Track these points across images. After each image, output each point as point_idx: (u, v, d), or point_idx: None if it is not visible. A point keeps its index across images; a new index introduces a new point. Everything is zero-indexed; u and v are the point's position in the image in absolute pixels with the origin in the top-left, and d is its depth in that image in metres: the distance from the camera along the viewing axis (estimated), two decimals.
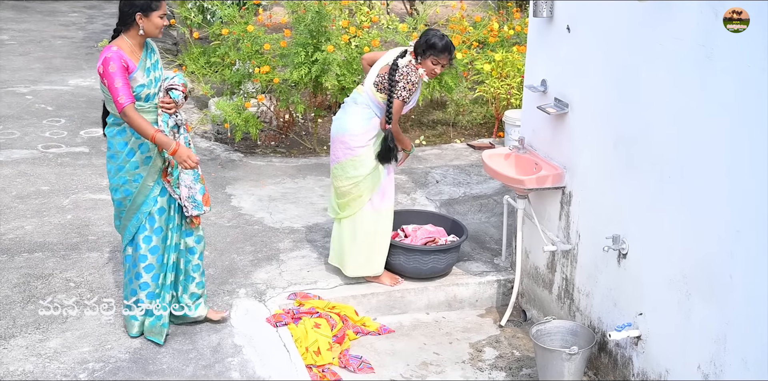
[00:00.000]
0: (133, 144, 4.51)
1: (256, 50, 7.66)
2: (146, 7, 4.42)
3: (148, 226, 4.65)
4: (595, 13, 4.66)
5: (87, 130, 8.17)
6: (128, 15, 4.42)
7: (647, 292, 4.36)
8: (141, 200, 4.60)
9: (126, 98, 4.34)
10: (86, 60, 10.60)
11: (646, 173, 4.29)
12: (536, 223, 5.29)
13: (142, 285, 4.70)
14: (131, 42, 4.45)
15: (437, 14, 9.63)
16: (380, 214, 5.42)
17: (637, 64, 4.29)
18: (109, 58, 4.36)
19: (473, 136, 8.54)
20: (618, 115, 4.50)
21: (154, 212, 4.64)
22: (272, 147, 8.14)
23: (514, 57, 8.11)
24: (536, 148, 5.40)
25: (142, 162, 4.55)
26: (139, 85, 4.43)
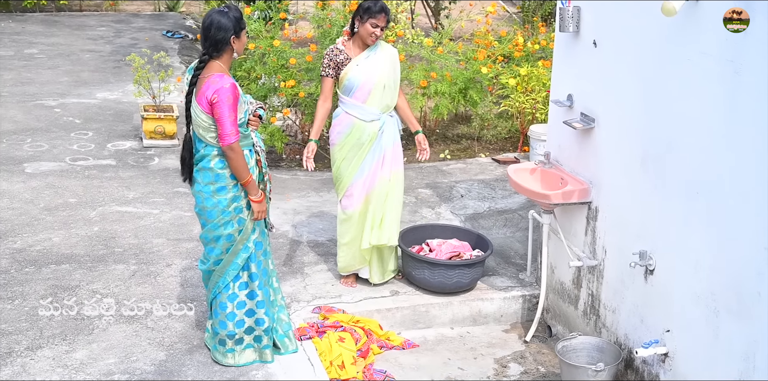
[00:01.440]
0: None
1: (281, 64, 7.70)
2: (238, 28, 4.31)
3: (257, 251, 4.60)
4: (622, 28, 4.66)
5: (114, 142, 8.23)
6: (223, 41, 4.29)
7: (675, 308, 4.32)
8: (251, 227, 4.53)
9: (235, 133, 4.27)
10: (113, 73, 10.69)
11: (673, 189, 4.27)
12: (562, 238, 5.27)
13: (266, 312, 4.65)
14: (225, 68, 4.35)
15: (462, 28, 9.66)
16: (342, 216, 5.50)
17: (665, 79, 4.27)
18: (226, 89, 4.22)
19: (498, 151, 8.53)
20: (645, 130, 4.48)
21: (260, 236, 4.60)
22: (297, 160, 8.16)
23: (540, 71, 8.11)
24: (562, 162, 5.39)
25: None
26: (245, 111, 4.40)
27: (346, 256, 5.59)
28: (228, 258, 4.55)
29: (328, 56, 5.35)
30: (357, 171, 5.41)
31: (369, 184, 5.44)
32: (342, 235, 5.57)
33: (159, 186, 7.18)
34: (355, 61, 5.31)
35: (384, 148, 5.42)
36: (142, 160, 7.83)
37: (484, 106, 8.47)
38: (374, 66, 5.33)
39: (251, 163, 4.48)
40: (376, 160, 5.42)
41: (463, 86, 8.10)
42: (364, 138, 5.36)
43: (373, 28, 5.24)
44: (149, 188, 7.12)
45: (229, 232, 4.50)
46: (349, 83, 5.32)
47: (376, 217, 5.49)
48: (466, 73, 8.18)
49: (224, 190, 4.43)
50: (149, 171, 7.54)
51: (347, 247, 5.57)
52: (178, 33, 12.96)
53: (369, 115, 5.35)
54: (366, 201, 5.47)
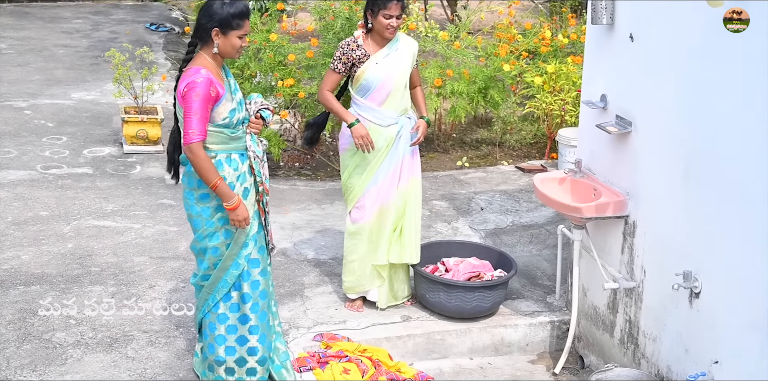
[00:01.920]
0: (232, 177, 4.44)
1: (279, 61, 7.73)
2: (225, 23, 4.33)
3: (253, 270, 4.58)
4: (663, 20, 4.65)
5: (91, 148, 8.26)
6: (204, 29, 4.35)
7: (724, 337, 4.30)
8: (242, 241, 4.53)
9: (199, 133, 4.28)
10: (91, 71, 10.74)
11: (722, 201, 4.25)
12: (595, 257, 5.26)
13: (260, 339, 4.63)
14: (213, 61, 4.39)
15: (482, 20, 9.69)
16: (352, 229, 5.51)
17: (712, 77, 4.26)
18: (197, 83, 4.26)
19: (522, 158, 8.52)
20: (690, 135, 4.46)
21: (256, 253, 4.58)
22: (296, 169, 8.18)
23: (569, 69, 8.11)
24: (595, 171, 5.38)
25: (242, 195, 4.49)
26: (231, 110, 4.40)
27: (354, 275, 5.58)
28: (216, 274, 4.57)
29: (342, 49, 5.34)
30: (370, 180, 5.42)
31: (384, 194, 5.44)
32: (350, 251, 5.56)
33: (141, 197, 7.19)
34: (374, 58, 5.30)
35: (401, 154, 5.43)
36: (123, 168, 7.85)
37: (507, 108, 8.47)
38: (395, 64, 5.33)
39: (241, 169, 4.48)
40: (393, 168, 5.42)
41: (482, 85, 8.11)
42: (379, 144, 5.37)
43: (386, 19, 5.23)
44: (130, 200, 7.13)
45: (215, 244, 4.51)
46: (366, 83, 5.32)
47: (394, 231, 5.50)
48: (486, 70, 8.18)
49: (207, 197, 4.46)
50: (130, 180, 7.56)
51: (356, 265, 5.56)
52: (163, 26, 13.03)
53: (386, 120, 5.37)
54: (380, 213, 5.47)
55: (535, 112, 8.36)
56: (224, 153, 4.45)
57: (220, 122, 4.38)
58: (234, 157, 4.46)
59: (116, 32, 12.59)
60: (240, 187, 4.48)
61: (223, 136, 4.41)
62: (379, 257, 5.53)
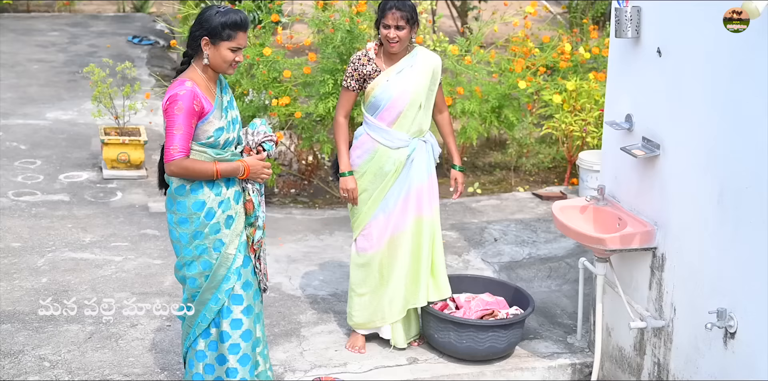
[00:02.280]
0: (213, 202, 4.45)
1: (273, 78, 7.76)
2: (215, 32, 4.35)
3: (235, 307, 4.57)
4: (694, 33, 4.67)
5: (67, 173, 8.28)
6: (194, 38, 4.39)
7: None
8: (222, 274, 4.52)
9: (181, 150, 4.30)
10: (68, 88, 10.79)
11: (759, 232, 4.25)
12: (620, 293, 5.25)
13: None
14: (204, 74, 4.42)
15: (495, 33, 9.73)
16: (360, 261, 5.51)
17: (748, 96, 4.28)
18: (180, 95, 4.30)
19: (540, 184, 8.53)
20: (724, 159, 4.47)
21: (239, 288, 4.57)
22: (292, 195, 8.19)
23: (591, 86, 8.14)
24: (619, 199, 5.38)
25: (224, 224, 4.49)
26: (218, 129, 4.40)
27: (365, 310, 5.56)
28: (196, 306, 4.59)
29: (353, 64, 5.36)
30: (378, 206, 5.43)
31: (395, 223, 5.45)
32: (358, 283, 5.55)
33: (122, 227, 7.20)
34: (384, 74, 5.32)
35: (413, 181, 5.42)
36: (102, 194, 7.87)
37: (523, 129, 8.49)
38: (409, 81, 5.33)
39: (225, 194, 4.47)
40: (404, 195, 5.42)
41: (496, 104, 8.14)
42: (387, 167, 5.38)
43: (385, 29, 5.25)
44: (110, 230, 7.14)
45: (192, 274, 4.53)
46: (375, 101, 5.33)
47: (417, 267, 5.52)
48: (500, 87, 8.21)
49: (185, 222, 4.47)
50: (110, 208, 7.57)
51: (366, 300, 5.55)
52: (147, 39, 13.10)
53: (396, 142, 5.36)
54: (390, 244, 5.47)
55: (554, 133, 8.38)
56: (231, 187, 4.48)
57: (203, 141, 4.39)
58: (217, 181, 4.47)
59: (96, 46, 12.66)
60: (222, 215, 4.47)
61: (206, 157, 4.41)
62: (419, 299, 5.53)
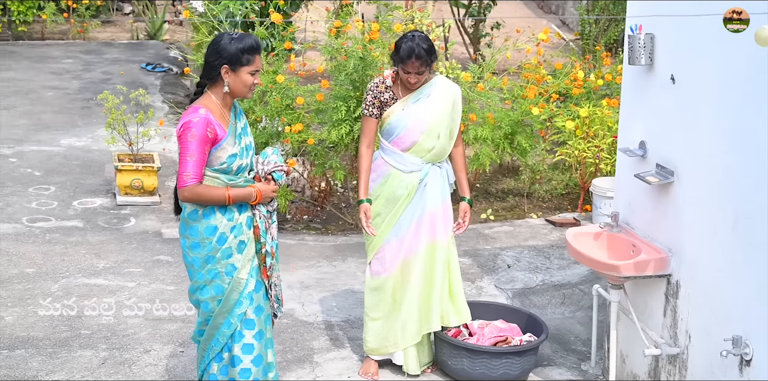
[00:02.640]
0: (225, 227, 4.48)
1: (286, 105, 7.80)
2: (235, 59, 4.41)
3: (246, 331, 4.59)
4: (707, 60, 4.69)
5: (81, 200, 8.32)
6: (213, 67, 4.43)
7: None
8: (234, 298, 4.55)
9: (194, 176, 4.34)
10: (82, 115, 10.84)
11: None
12: (634, 320, 5.24)
13: None
14: (219, 101, 4.47)
15: (508, 60, 9.77)
16: (373, 284, 5.53)
17: (762, 123, 4.29)
18: (193, 123, 4.35)
19: (553, 210, 8.54)
20: (738, 186, 4.48)
21: (251, 313, 4.59)
22: (305, 222, 8.21)
23: (604, 112, 8.16)
24: (633, 225, 5.39)
25: (236, 249, 4.53)
26: (231, 155, 4.44)
27: (379, 334, 5.57)
28: (209, 331, 4.62)
29: (372, 92, 5.42)
30: (391, 230, 5.46)
31: (408, 248, 5.47)
32: (372, 307, 5.57)
33: (136, 253, 7.23)
34: (401, 103, 5.38)
35: (426, 205, 5.45)
36: (116, 221, 7.90)
37: (536, 155, 8.51)
38: (425, 112, 5.37)
39: (237, 219, 4.49)
40: (416, 220, 5.45)
41: (509, 131, 8.16)
42: (399, 191, 5.42)
43: (405, 74, 5.32)
44: (124, 256, 7.16)
45: (205, 299, 4.56)
46: (390, 128, 5.40)
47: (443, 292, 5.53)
48: (512, 114, 8.24)
49: (198, 247, 4.50)
50: (124, 235, 7.60)
51: (379, 324, 5.55)
52: (161, 66, 13.19)
53: (408, 165, 5.42)
54: (403, 268, 5.49)
55: (567, 160, 8.40)
56: (243, 212, 4.51)
57: (216, 167, 4.43)
58: (230, 206, 4.51)
59: (109, 73, 12.73)
60: (234, 240, 4.51)
61: (219, 182, 4.45)
62: (433, 322, 5.53)
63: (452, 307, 5.59)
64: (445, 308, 5.57)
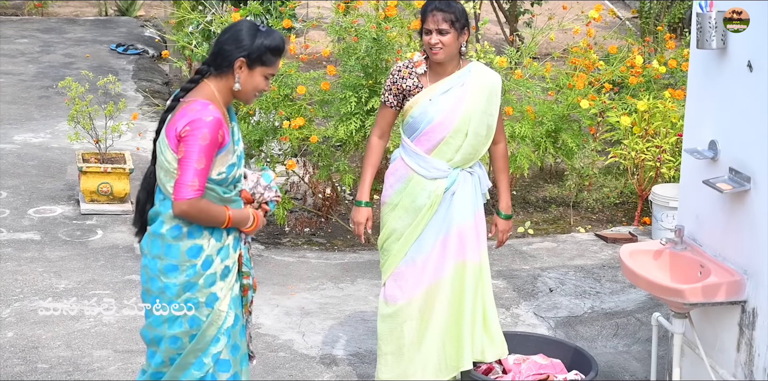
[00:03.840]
0: (212, 249, 4.43)
1: (285, 95, 7.81)
2: (256, 55, 4.38)
3: (221, 374, 4.51)
4: None
5: (38, 207, 8.34)
6: (226, 56, 4.39)
7: None
8: (211, 334, 4.48)
9: (198, 188, 4.28)
10: (39, 106, 10.89)
11: None
12: (702, 356, 5.24)
13: None
14: (220, 97, 4.43)
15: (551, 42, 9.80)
16: (387, 311, 5.48)
17: None
18: (205, 122, 4.27)
19: (604, 223, 8.54)
20: None
21: (227, 353, 4.52)
22: (306, 235, 8.23)
23: (667, 106, 8.16)
24: (701, 242, 5.39)
25: (220, 275, 4.48)
26: (230, 165, 4.41)
27: (392, 372, 5.51)
28: (173, 373, 4.50)
29: (392, 76, 5.39)
30: (410, 246, 5.41)
31: (434, 271, 5.41)
32: (385, 338, 5.51)
33: (103, 272, 7.25)
34: (427, 92, 5.33)
35: (454, 219, 5.39)
36: (79, 233, 7.92)
37: (584, 157, 8.52)
38: (458, 103, 5.31)
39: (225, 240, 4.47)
40: (442, 237, 5.39)
41: (552, 127, 8.17)
42: (421, 200, 5.36)
43: (426, 36, 5.27)
44: (89, 275, 7.18)
45: (175, 333, 4.46)
46: (413, 122, 5.34)
47: (476, 320, 5.46)
48: (557, 107, 8.25)
49: (175, 270, 4.43)
50: (89, 249, 7.62)
51: (393, 359, 5.49)
52: (134, 47, 13.25)
53: (431, 171, 5.36)
54: (428, 295, 5.42)
55: (622, 162, 8.40)
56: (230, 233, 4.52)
57: (214, 177, 4.37)
58: (228, 239, 4.50)
59: (72, 55, 12.78)
60: (220, 265, 4.44)
61: (213, 196, 4.40)
62: (464, 360, 5.47)
63: (487, 339, 5.56)
64: (478, 340, 5.53)
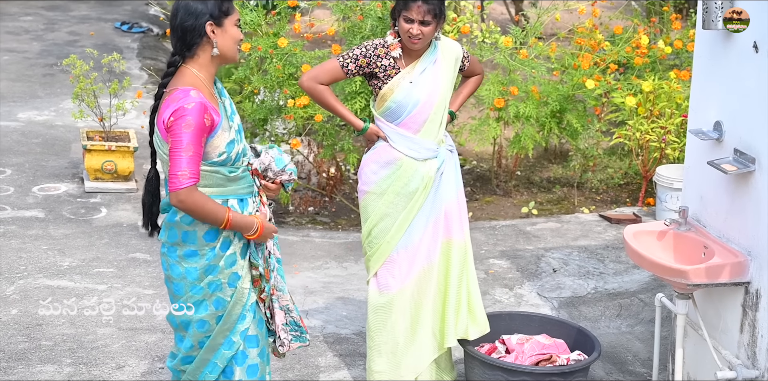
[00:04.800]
0: (228, 230, 4.42)
1: (289, 74, 7.80)
2: (216, 11, 4.32)
3: (251, 350, 4.55)
4: None
5: (42, 185, 8.34)
6: (192, 30, 4.31)
7: None
8: (237, 312, 4.51)
9: (191, 175, 4.24)
10: (43, 84, 10.88)
11: None
12: (705, 337, 5.25)
13: None
14: (205, 75, 4.37)
15: (557, 22, 9.76)
16: (381, 301, 5.46)
17: None
18: (187, 110, 4.21)
19: (608, 204, 8.55)
20: None
21: (254, 328, 4.55)
22: (310, 214, 8.23)
23: (672, 87, 8.15)
24: (705, 223, 5.39)
25: (240, 253, 4.49)
26: (229, 142, 4.37)
27: (385, 364, 5.50)
28: (203, 355, 4.54)
29: (366, 49, 5.33)
30: (403, 234, 5.41)
31: (425, 253, 5.43)
32: (376, 329, 5.51)
33: (107, 250, 7.26)
34: (406, 75, 5.30)
35: (445, 199, 5.42)
36: (84, 211, 7.94)
37: (589, 138, 8.51)
38: (435, 81, 5.33)
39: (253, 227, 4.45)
40: (434, 219, 5.41)
41: (557, 107, 8.17)
42: (414, 184, 5.37)
43: (407, 23, 5.22)
44: (93, 253, 7.20)
45: (202, 316, 4.50)
46: (397, 107, 5.32)
47: (461, 299, 5.47)
48: (562, 88, 8.24)
49: (195, 255, 4.45)
50: (93, 227, 7.63)
51: (385, 349, 5.50)
52: (138, 25, 13.24)
53: (423, 152, 5.36)
54: (420, 279, 5.43)
55: (627, 143, 8.40)
56: (219, 198, 4.44)
57: (215, 159, 4.35)
58: (232, 204, 4.45)
59: (77, 33, 12.77)
60: (238, 244, 4.46)
61: (219, 177, 4.40)
62: (447, 338, 5.48)
63: (470, 317, 5.54)
64: (462, 319, 5.53)
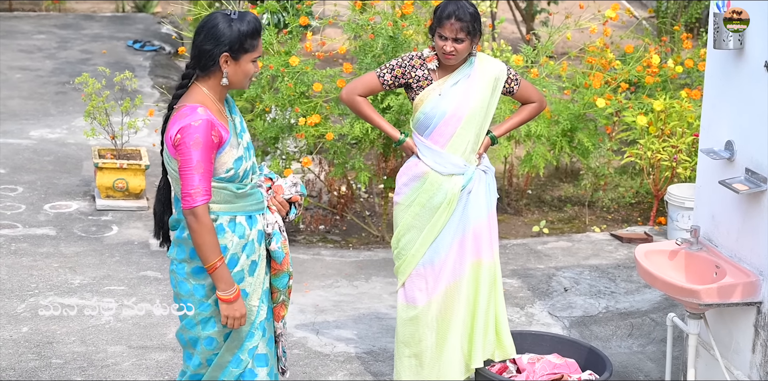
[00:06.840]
0: (236, 247, 4.44)
1: (301, 92, 7.80)
2: (237, 45, 4.35)
3: (259, 369, 4.56)
4: None
5: (54, 203, 8.35)
6: (209, 56, 4.35)
7: None
8: (246, 330, 4.52)
9: (204, 193, 4.28)
10: (56, 102, 10.90)
11: None
12: (717, 357, 5.23)
13: None
14: (214, 95, 4.41)
15: (568, 41, 9.77)
16: (410, 314, 5.48)
17: None
18: (194, 127, 4.25)
19: (620, 223, 8.52)
20: None
21: (263, 346, 4.56)
22: (321, 233, 8.23)
23: (683, 106, 8.14)
24: (717, 242, 5.38)
25: (248, 271, 4.49)
26: (237, 159, 4.39)
27: (418, 374, 5.51)
28: (211, 373, 4.54)
29: (402, 61, 5.41)
30: (428, 247, 5.43)
31: (452, 270, 5.44)
32: (405, 341, 5.52)
33: (118, 267, 7.26)
34: (437, 87, 5.36)
35: (471, 220, 5.43)
36: (95, 228, 7.94)
37: (600, 157, 8.50)
38: (466, 95, 5.35)
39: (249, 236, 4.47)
40: (459, 237, 5.42)
41: (568, 126, 8.15)
42: (438, 198, 5.38)
43: (441, 41, 5.30)
44: (104, 271, 7.20)
45: (210, 334, 4.50)
46: (425, 119, 5.37)
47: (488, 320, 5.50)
48: (573, 106, 8.23)
49: (203, 272, 4.45)
50: (104, 245, 7.63)
51: (415, 361, 5.51)
52: (150, 44, 13.26)
53: (448, 167, 5.38)
54: (447, 295, 5.45)
55: (638, 162, 8.38)
56: (227, 215, 4.45)
57: (222, 175, 4.37)
58: (240, 221, 4.46)
59: (89, 52, 12.79)
60: (246, 261, 4.46)
61: (227, 194, 4.40)
62: (474, 359, 5.50)
63: (496, 339, 5.58)
64: (490, 340, 5.55)
